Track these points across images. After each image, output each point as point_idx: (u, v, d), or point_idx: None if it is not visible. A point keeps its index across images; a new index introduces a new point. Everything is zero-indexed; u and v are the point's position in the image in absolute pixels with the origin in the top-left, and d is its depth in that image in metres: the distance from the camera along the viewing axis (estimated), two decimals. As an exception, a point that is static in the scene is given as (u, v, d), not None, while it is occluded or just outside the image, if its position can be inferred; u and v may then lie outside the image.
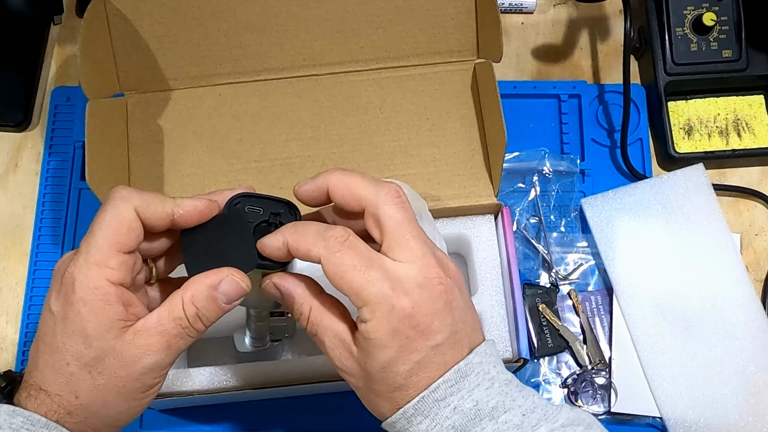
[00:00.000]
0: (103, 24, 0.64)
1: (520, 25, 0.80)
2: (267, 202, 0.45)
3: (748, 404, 0.64)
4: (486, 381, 0.42)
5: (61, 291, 0.41)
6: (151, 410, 0.65)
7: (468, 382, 0.41)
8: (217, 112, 0.67)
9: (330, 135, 0.67)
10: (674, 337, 0.66)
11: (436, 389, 0.41)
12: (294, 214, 0.46)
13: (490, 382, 0.42)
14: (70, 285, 0.40)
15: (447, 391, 0.41)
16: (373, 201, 0.42)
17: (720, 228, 0.69)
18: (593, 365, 0.67)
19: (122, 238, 0.41)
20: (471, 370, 0.42)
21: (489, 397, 0.41)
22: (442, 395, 0.41)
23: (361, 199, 0.43)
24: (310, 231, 0.42)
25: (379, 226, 0.42)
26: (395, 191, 0.43)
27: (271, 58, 0.67)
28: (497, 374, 0.42)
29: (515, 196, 0.72)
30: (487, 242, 0.64)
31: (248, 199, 0.45)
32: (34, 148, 0.75)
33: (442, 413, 0.41)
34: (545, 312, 0.68)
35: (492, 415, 0.41)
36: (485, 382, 0.42)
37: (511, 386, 0.42)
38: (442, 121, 0.67)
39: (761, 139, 0.75)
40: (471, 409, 0.41)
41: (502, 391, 0.42)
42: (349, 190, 0.43)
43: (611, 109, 0.76)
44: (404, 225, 0.42)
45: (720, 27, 0.73)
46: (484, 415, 0.41)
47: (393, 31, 0.67)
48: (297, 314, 0.44)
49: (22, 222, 0.73)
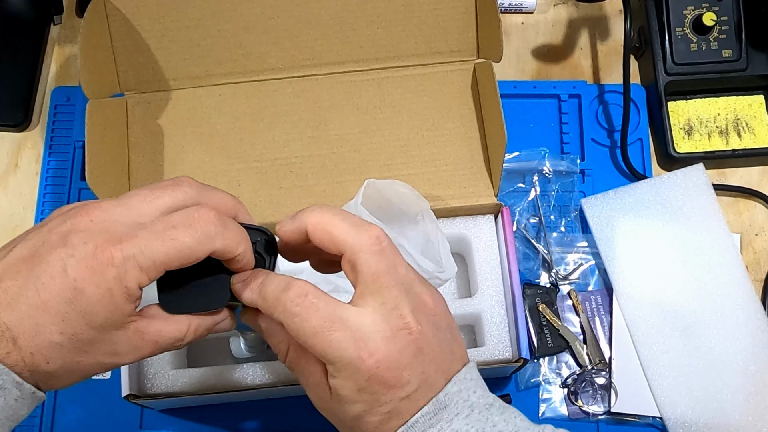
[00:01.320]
0: (103, 24, 0.64)
1: (520, 25, 0.80)
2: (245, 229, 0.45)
3: (748, 404, 0.64)
4: (465, 409, 0.41)
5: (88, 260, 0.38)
6: (151, 410, 0.65)
7: (447, 412, 0.41)
8: (217, 112, 0.67)
9: (330, 135, 0.67)
10: (674, 337, 0.66)
11: (414, 424, 0.41)
12: (270, 242, 0.46)
13: (470, 409, 0.41)
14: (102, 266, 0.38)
15: (425, 424, 0.40)
16: (351, 248, 0.41)
17: (720, 228, 0.69)
18: (593, 365, 0.67)
19: (179, 264, 0.40)
20: (450, 400, 0.41)
21: (468, 426, 0.41)
22: (421, 429, 0.40)
23: (339, 244, 0.42)
24: (270, 290, 0.42)
25: (355, 273, 0.41)
26: (376, 238, 0.41)
27: (271, 58, 0.67)
28: (477, 400, 0.42)
29: (515, 196, 0.72)
30: (487, 242, 0.64)
31: None
32: (34, 148, 0.75)
33: None
34: (545, 312, 0.68)
35: None
36: (464, 410, 0.41)
37: (492, 411, 0.42)
38: (442, 121, 0.67)
39: (761, 139, 0.75)
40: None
41: (482, 417, 0.41)
42: (328, 234, 0.42)
43: (611, 109, 0.76)
44: (380, 275, 0.41)
45: (720, 27, 0.73)
46: None
47: (393, 31, 0.67)
48: (275, 350, 0.44)
49: (22, 222, 0.72)
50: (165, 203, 0.41)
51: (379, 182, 0.59)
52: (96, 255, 0.38)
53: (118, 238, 0.39)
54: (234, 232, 0.42)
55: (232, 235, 0.42)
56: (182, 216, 0.40)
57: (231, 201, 0.45)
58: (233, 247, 0.42)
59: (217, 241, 0.40)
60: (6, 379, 0.38)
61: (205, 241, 0.40)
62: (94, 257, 0.38)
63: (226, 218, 0.42)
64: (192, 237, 0.40)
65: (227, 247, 0.41)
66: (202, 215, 0.40)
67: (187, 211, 0.40)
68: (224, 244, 0.41)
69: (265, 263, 0.46)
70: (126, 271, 0.38)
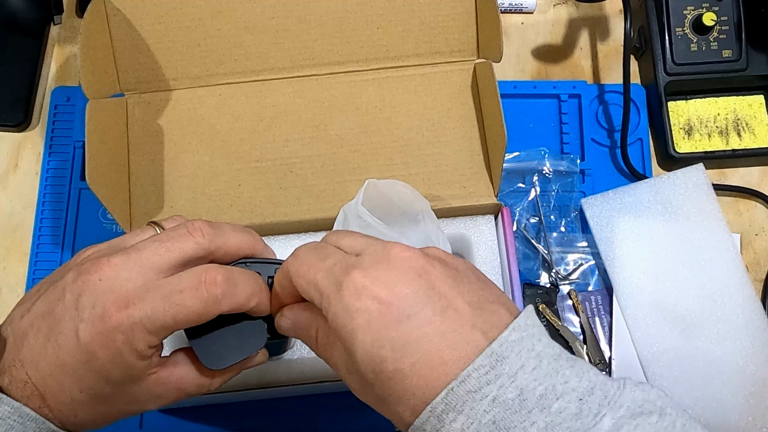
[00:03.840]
0: (103, 24, 0.64)
1: (520, 25, 0.80)
2: (263, 266, 0.45)
3: (748, 404, 0.64)
4: (531, 360, 0.35)
5: (96, 325, 0.38)
6: (151, 410, 0.65)
7: (507, 365, 0.34)
8: (217, 112, 0.67)
9: (330, 135, 0.67)
10: (674, 337, 0.66)
11: (465, 380, 0.34)
12: None
13: (537, 360, 0.35)
14: (110, 331, 0.38)
15: (481, 381, 0.34)
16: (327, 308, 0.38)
17: (720, 228, 0.70)
18: (593, 365, 0.67)
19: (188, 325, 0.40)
20: (509, 350, 0.35)
21: (537, 382, 0.34)
22: (476, 385, 0.34)
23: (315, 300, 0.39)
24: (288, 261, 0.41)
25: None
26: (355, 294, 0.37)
27: (271, 58, 0.67)
28: (543, 349, 0.35)
29: (515, 196, 0.72)
30: (487, 242, 0.64)
31: (246, 266, 0.45)
32: (34, 148, 0.75)
33: (479, 407, 0.34)
34: (545, 312, 0.68)
35: (542, 405, 0.34)
36: (530, 361, 0.35)
37: (560, 362, 0.35)
38: (442, 121, 0.67)
39: (761, 139, 0.75)
40: (514, 399, 0.34)
41: (551, 370, 0.35)
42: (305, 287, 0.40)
43: (611, 109, 0.76)
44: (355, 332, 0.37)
45: (720, 27, 0.73)
46: (532, 406, 0.34)
47: (393, 31, 0.67)
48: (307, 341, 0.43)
49: (22, 222, 0.72)
50: (177, 257, 0.41)
51: (380, 182, 0.59)
52: (104, 320, 0.39)
53: (125, 302, 0.39)
54: (244, 288, 0.42)
55: (242, 293, 0.41)
56: (189, 279, 0.40)
57: (246, 240, 0.45)
58: (244, 304, 0.42)
59: (224, 303, 0.41)
60: (42, 427, 0.39)
61: (212, 305, 0.40)
62: (102, 322, 0.39)
63: (237, 273, 0.42)
64: (199, 301, 0.40)
65: (238, 305, 0.41)
66: (210, 278, 0.40)
67: (195, 274, 0.40)
68: (233, 303, 0.41)
69: None
70: (133, 334, 0.39)
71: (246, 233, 0.45)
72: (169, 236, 0.42)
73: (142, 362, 0.40)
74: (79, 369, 0.39)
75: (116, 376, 0.40)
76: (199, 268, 0.41)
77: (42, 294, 0.41)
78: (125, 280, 0.39)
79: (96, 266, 0.40)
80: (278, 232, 0.64)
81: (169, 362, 0.43)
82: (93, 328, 0.39)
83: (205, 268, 0.41)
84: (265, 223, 0.64)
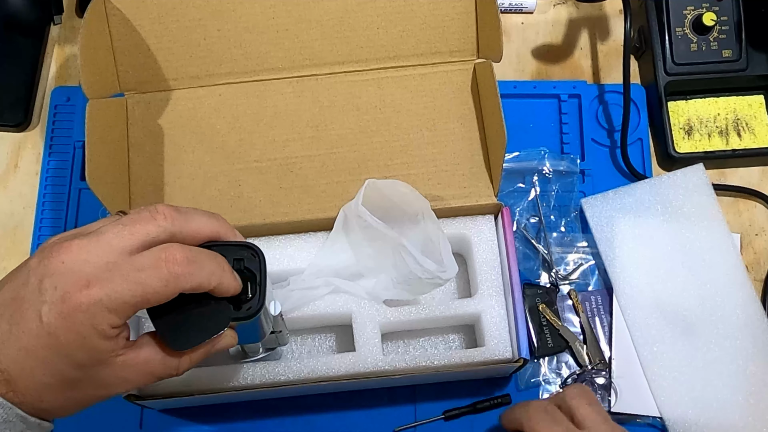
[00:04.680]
0: (103, 24, 0.64)
1: (520, 25, 0.80)
2: (229, 248, 0.45)
3: (748, 404, 0.64)
4: None
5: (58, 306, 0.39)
6: (151, 410, 0.65)
7: None
8: (217, 112, 0.67)
9: (330, 135, 0.67)
10: (674, 337, 0.66)
11: None
12: (256, 257, 0.45)
13: None
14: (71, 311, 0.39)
15: None
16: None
17: (720, 228, 0.69)
18: (593, 365, 0.67)
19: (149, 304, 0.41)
20: None
21: None
22: None
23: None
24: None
25: None
26: None
27: (271, 58, 0.67)
28: None
29: (515, 196, 0.72)
30: (487, 242, 0.64)
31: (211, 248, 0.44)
32: (34, 148, 0.75)
33: None
34: (545, 312, 0.68)
35: None
36: None
37: None
38: (442, 121, 0.67)
39: (761, 139, 0.75)
40: None
41: None
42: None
43: (611, 109, 0.76)
44: None
45: (720, 27, 0.73)
46: None
47: (393, 31, 0.67)
48: None
49: (22, 222, 0.72)
50: (138, 239, 0.41)
51: (380, 182, 0.59)
52: (65, 300, 0.39)
53: (86, 282, 0.39)
54: (205, 267, 0.42)
55: (203, 271, 0.41)
56: (149, 258, 0.40)
57: (211, 223, 0.45)
58: (205, 283, 0.42)
59: (184, 281, 0.41)
60: (9, 413, 0.39)
61: (172, 283, 0.40)
62: (64, 303, 0.39)
63: (197, 253, 0.42)
64: (159, 280, 0.40)
65: (198, 284, 0.41)
66: (170, 256, 0.40)
67: (154, 253, 0.40)
68: (193, 281, 0.41)
69: (256, 278, 0.45)
70: (94, 314, 0.39)
71: (211, 217, 0.45)
72: (131, 219, 0.42)
73: (106, 343, 0.40)
74: (43, 352, 0.39)
75: (81, 358, 0.40)
76: (160, 247, 0.41)
77: (8, 281, 0.41)
78: (86, 262, 0.39)
79: (58, 250, 0.40)
80: (278, 232, 0.64)
81: (135, 345, 0.43)
82: (55, 310, 0.39)
83: (165, 246, 0.41)
84: (265, 223, 0.64)
